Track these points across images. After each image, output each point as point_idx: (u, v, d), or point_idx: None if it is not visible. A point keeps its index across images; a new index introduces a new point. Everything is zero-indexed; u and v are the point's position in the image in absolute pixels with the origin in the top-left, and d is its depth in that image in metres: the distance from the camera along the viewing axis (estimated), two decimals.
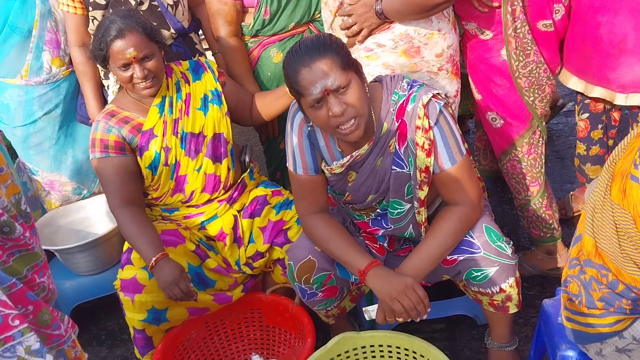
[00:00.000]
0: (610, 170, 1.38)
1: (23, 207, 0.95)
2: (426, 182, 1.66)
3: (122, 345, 2.49)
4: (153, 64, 1.91)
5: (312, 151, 1.75)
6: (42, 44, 2.29)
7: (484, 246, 1.68)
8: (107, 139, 1.97)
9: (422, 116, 1.60)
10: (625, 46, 1.94)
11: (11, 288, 0.85)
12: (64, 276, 2.48)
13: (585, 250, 1.49)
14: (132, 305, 1.91)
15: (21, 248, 0.91)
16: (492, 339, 1.96)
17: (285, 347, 2.14)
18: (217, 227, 2.10)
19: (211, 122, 2.06)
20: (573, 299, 1.52)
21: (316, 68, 1.50)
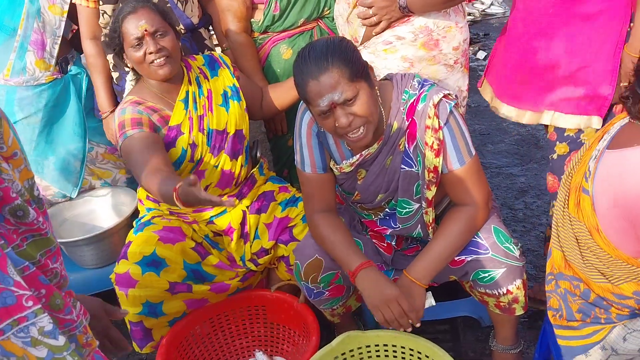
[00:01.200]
0: (567, 184, 1.41)
1: (36, 192, 0.95)
2: (434, 182, 1.66)
3: (127, 338, 2.48)
4: (167, 41, 1.87)
5: (320, 150, 1.75)
6: (27, 44, 2.24)
7: (492, 247, 1.68)
8: (140, 117, 1.89)
9: (432, 116, 1.59)
10: (559, 71, 1.87)
11: (24, 271, 0.86)
12: (69, 269, 2.44)
13: (556, 264, 1.51)
14: (126, 299, 1.92)
15: (34, 233, 0.91)
16: (497, 341, 1.96)
17: (289, 344, 2.14)
18: (225, 222, 2.09)
19: (233, 118, 2.06)
20: (555, 314, 1.53)
21: (324, 81, 1.50)
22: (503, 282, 1.69)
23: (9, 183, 0.85)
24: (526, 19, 1.89)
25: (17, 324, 0.80)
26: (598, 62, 1.81)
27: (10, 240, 0.87)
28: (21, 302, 0.80)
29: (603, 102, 1.84)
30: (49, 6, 2.25)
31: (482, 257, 1.68)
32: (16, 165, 0.89)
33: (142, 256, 1.93)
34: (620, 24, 1.77)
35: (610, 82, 1.82)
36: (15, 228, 0.88)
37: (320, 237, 1.76)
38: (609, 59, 1.80)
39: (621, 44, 1.78)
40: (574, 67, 1.84)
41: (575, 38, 1.83)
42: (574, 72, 1.84)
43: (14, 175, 0.87)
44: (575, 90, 1.87)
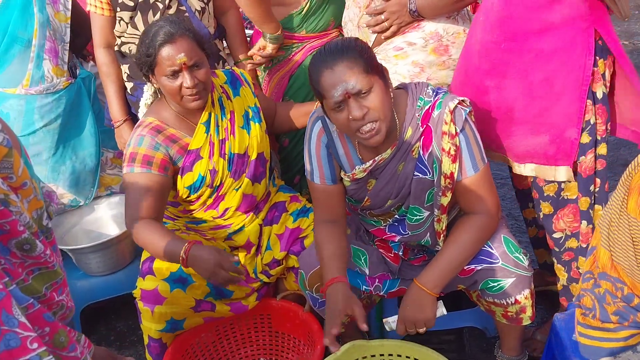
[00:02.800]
0: (626, 185, 1.39)
1: (45, 222, 0.94)
2: (450, 188, 1.66)
3: (131, 347, 2.49)
4: (203, 73, 1.80)
5: (330, 161, 1.75)
6: (42, 52, 2.29)
7: (502, 257, 1.68)
8: (153, 155, 1.85)
9: (449, 122, 1.60)
10: (514, 114, 1.76)
11: (28, 309, 0.84)
12: (75, 276, 2.49)
13: (600, 263, 1.49)
14: (151, 315, 1.90)
15: (41, 266, 0.89)
16: (502, 351, 1.95)
17: (294, 353, 2.14)
18: (244, 238, 2.06)
19: (255, 141, 2.00)
20: (587, 313, 1.52)
21: (338, 71, 1.52)
22: (512, 291, 1.69)
23: (17, 216, 0.83)
24: (481, 52, 1.78)
25: None
26: (560, 103, 1.69)
27: (15, 275, 0.85)
28: (25, 344, 0.77)
29: (570, 147, 1.73)
30: (54, 14, 2.30)
31: (492, 266, 1.69)
32: (25, 195, 0.88)
33: (169, 272, 1.90)
34: (582, 58, 1.64)
35: (577, 125, 1.70)
36: (22, 261, 0.86)
37: (316, 246, 1.78)
38: (574, 99, 1.68)
39: (587, 80, 1.66)
40: (533, 111, 1.72)
41: (532, 77, 1.69)
42: (534, 116, 1.73)
43: (23, 206, 0.85)
44: (536, 138, 1.76)
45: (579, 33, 1.63)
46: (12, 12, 2.25)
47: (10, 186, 0.84)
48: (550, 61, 1.67)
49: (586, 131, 1.71)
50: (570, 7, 1.60)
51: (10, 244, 0.84)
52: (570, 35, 1.63)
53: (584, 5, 1.60)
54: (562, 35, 1.64)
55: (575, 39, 1.63)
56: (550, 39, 1.65)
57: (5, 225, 0.82)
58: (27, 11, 2.26)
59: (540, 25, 1.64)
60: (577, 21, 1.62)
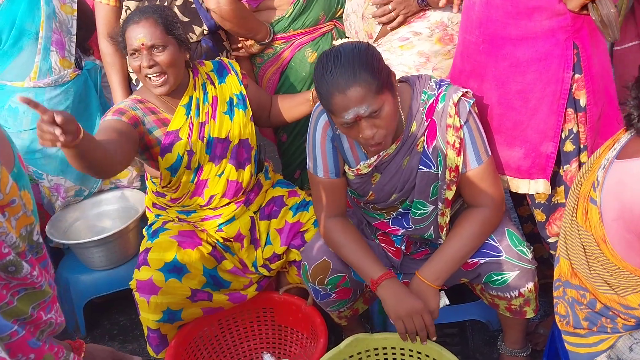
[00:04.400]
0: (576, 193, 1.39)
1: (35, 237, 0.91)
2: (455, 181, 1.66)
3: (134, 341, 2.50)
4: (164, 57, 1.85)
5: (334, 154, 1.74)
6: (49, 44, 2.29)
7: (506, 250, 1.68)
8: (128, 110, 1.91)
9: (453, 115, 1.60)
10: (491, 121, 1.72)
11: (12, 337, 0.81)
12: (78, 270, 2.50)
13: (562, 272, 1.51)
14: (147, 306, 1.91)
15: (27, 287, 0.87)
16: (505, 344, 1.95)
17: (296, 347, 2.15)
18: (234, 229, 2.08)
19: (237, 127, 2.04)
20: (562, 320, 1.53)
21: (350, 95, 1.47)
22: (515, 284, 1.69)
23: (2, 237, 0.81)
24: (463, 54, 1.75)
25: None
26: (536, 116, 1.64)
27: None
28: None
29: (546, 161, 1.68)
30: (60, 6, 2.30)
31: (496, 259, 1.68)
32: (13, 213, 0.85)
33: (163, 262, 1.92)
34: (560, 72, 1.59)
35: (553, 139, 1.66)
36: (6, 283, 0.84)
37: (334, 243, 1.76)
38: (550, 114, 1.63)
39: (564, 94, 1.60)
40: (507, 123, 1.69)
41: (508, 86, 1.65)
42: (508, 128, 1.70)
43: (9, 226, 0.83)
44: (510, 150, 1.72)
45: (557, 45, 1.58)
46: (19, 4, 2.25)
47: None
48: (525, 72, 1.62)
49: (569, 139, 1.67)
50: (550, 18, 1.55)
51: None
52: (548, 47, 1.58)
53: (565, 17, 1.55)
54: (539, 46, 1.59)
55: (553, 51, 1.59)
56: (526, 48, 1.60)
57: None
58: (34, 3, 2.26)
59: (517, 32, 1.59)
60: (556, 33, 1.57)
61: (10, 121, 2.35)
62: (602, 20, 1.46)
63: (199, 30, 2.27)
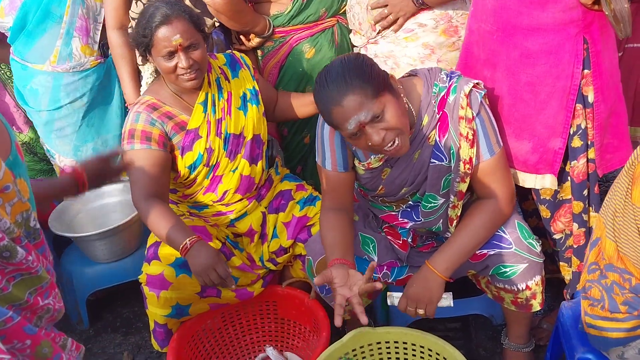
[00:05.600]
0: (630, 174, 1.36)
1: (32, 224, 0.91)
2: (469, 173, 1.65)
3: (137, 333, 2.50)
4: (198, 54, 1.83)
5: (343, 148, 1.73)
6: (72, 30, 2.29)
7: (515, 242, 1.67)
8: (151, 131, 1.89)
9: (465, 106, 1.58)
10: (501, 111, 1.70)
11: (7, 323, 0.81)
12: (81, 263, 2.50)
13: (607, 254, 1.48)
14: (156, 300, 1.90)
15: (23, 272, 0.86)
16: (509, 339, 1.94)
17: (299, 340, 2.14)
18: (246, 225, 2.07)
19: (251, 122, 2.02)
20: (595, 304, 1.51)
21: (347, 105, 1.47)
22: (523, 277, 1.69)
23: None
24: (479, 42, 1.74)
25: None
26: (545, 111, 1.63)
27: None
28: None
29: (554, 157, 1.67)
30: None
31: (505, 251, 1.68)
32: (7, 199, 0.85)
33: (174, 258, 1.90)
34: (570, 67, 1.57)
35: (562, 134, 1.64)
36: (2, 268, 0.84)
37: (321, 232, 1.78)
38: (560, 109, 1.61)
39: (574, 89, 1.59)
40: (516, 114, 1.67)
41: (518, 77, 1.64)
42: (517, 120, 1.68)
43: (3, 212, 0.83)
44: (518, 143, 1.71)
45: (567, 39, 1.57)
46: None
47: None
48: (535, 64, 1.61)
49: (577, 135, 1.66)
50: (563, 11, 1.54)
51: None
52: (559, 40, 1.57)
53: (577, 10, 1.54)
54: (550, 39, 1.58)
55: (563, 45, 1.57)
56: (537, 39, 1.59)
57: None
58: None
59: (529, 21, 1.58)
60: (567, 26, 1.56)
61: (32, 100, 2.38)
62: (615, 15, 1.45)
63: (210, 22, 2.24)
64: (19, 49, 2.33)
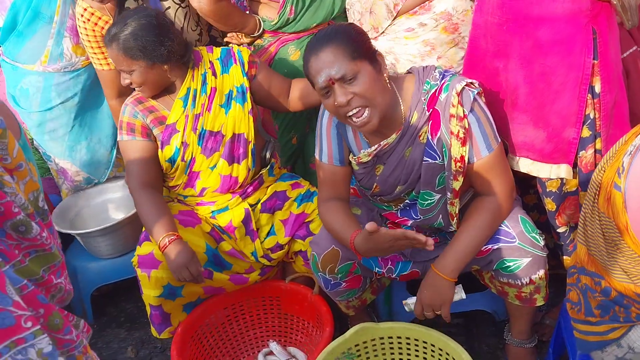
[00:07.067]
0: (598, 179, 1.38)
1: (41, 204, 0.93)
2: (461, 172, 1.65)
3: (141, 328, 2.51)
4: (134, 78, 1.93)
5: (339, 142, 1.75)
6: (63, 30, 2.28)
7: (519, 236, 1.67)
8: (134, 122, 2.00)
9: (457, 104, 1.58)
10: (517, 99, 1.69)
11: (22, 290, 0.83)
12: (85, 259, 2.51)
13: (579, 258, 1.49)
14: (148, 281, 1.93)
15: (37, 248, 0.89)
16: (512, 334, 1.94)
17: (303, 335, 2.15)
18: (226, 219, 2.09)
19: (232, 121, 2.03)
20: (574, 307, 1.52)
21: (323, 56, 1.53)
22: (527, 271, 1.69)
23: (12, 197, 0.83)
24: (486, 35, 1.73)
25: (15, 346, 0.77)
26: (559, 101, 1.62)
27: (11, 257, 0.85)
28: (20, 323, 0.77)
29: (569, 147, 1.66)
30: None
31: (508, 245, 1.68)
32: (21, 177, 0.87)
33: None
34: (582, 57, 1.57)
35: (575, 124, 1.63)
36: (18, 243, 0.86)
37: (325, 223, 1.78)
38: (573, 99, 1.61)
39: (586, 79, 1.58)
40: (533, 102, 1.66)
41: (532, 66, 1.63)
42: (533, 108, 1.67)
43: (18, 188, 0.85)
44: (535, 131, 1.71)
45: (578, 29, 1.56)
46: None
47: (5, 167, 0.83)
48: (547, 54, 1.61)
49: (586, 125, 1.66)
50: (572, 0, 1.54)
51: (5, 225, 0.83)
52: (570, 31, 1.57)
53: (585, 1, 1.53)
54: (560, 29, 1.57)
55: (574, 36, 1.57)
56: (547, 29, 1.58)
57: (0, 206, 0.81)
58: None
59: (540, 11, 1.58)
60: (577, 16, 1.55)
61: (23, 101, 2.38)
62: (623, 4, 1.46)
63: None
64: (10, 49, 2.32)
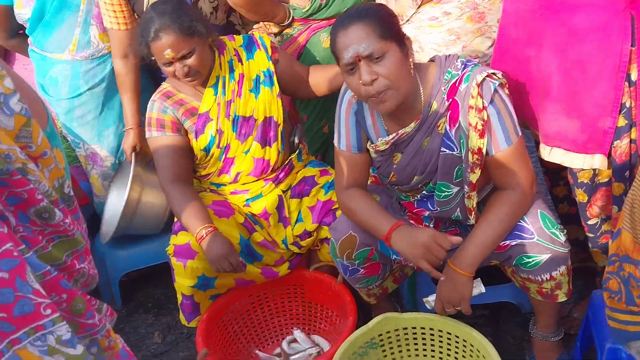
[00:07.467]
0: None
1: (66, 190, 0.94)
2: (478, 164, 1.63)
3: (168, 314, 2.56)
4: (194, 60, 1.90)
5: (357, 129, 1.74)
6: (90, 18, 2.31)
7: (537, 232, 1.65)
8: (164, 118, 2.02)
9: (476, 95, 1.56)
10: (550, 89, 1.65)
11: (45, 276, 0.84)
12: (115, 245, 2.55)
13: (624, 246, 1.45)
14: (183, 270, 1.95)
15: (61, 234, 0.90)
16: (537, 328, 1.92)
17: (326, 323, 2.16)
18: (260, 206, 2.11)
19: (262, 105, 2.06)
20: (613, 296, 1.48)
21: (352, 32, 1.51)
22: (547, 268, 1.66)
23: (35, 184, 0.84)
24: (517, 23, 1.70)
25: (35, 332, 0.79)
26: (595, 92, 1.57)
27: (34, 243, 0.86)
28: (39, 310, 0.79)
29: (604, 137, 1.60)
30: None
31: (527, 241, 1.65)
32: (46, 164, 0.89)
33: None
34: (619, 44, 1.51)
35: (611, 113, 1.57)
36: (41, 229, 0.87)
37: (349, 211, 1.76)
38: (609, 88, 1.55)
39: (623, 68, 1.53)
40: (567, 91, 1.61)
41: (567, 54, 1.58)
42: (567, 97, 1.62)
43: (42, 175, 0.86)
44: (568, 121, 1.65)
45: (615, 15, 1.51)
46: None
47: (29, 155, 0.84)
48: (584, 41, 1.56)
49: (622, 114, 1.60)
50: None
51: (29, 212, 0.85)
52: (606, 17, 1.52)
53: None
54: (597, 15, 1.52)
55: (612, 22, 1.52)
56: (584, 15, 1.54)
57: (23, 193, 0.82)
58: None
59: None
60: (615, 2, 1.50)
61: (52, 90, 2.42)
62: None
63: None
64: (38, 39, 2.36)
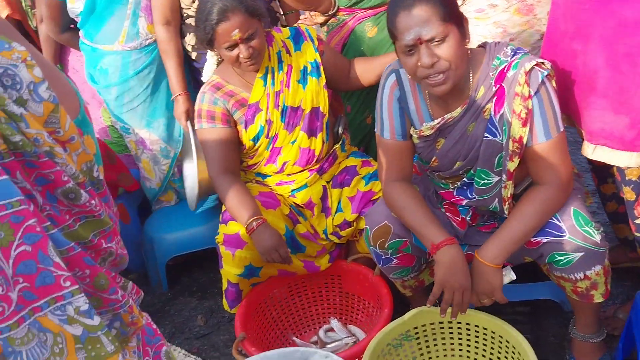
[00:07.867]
0: None
1: (95, 174, 0.99)
2: (518, 153, 1.60)
3: (211, 298, 2.64)
4: (257, 42, 1.94)
5: (401, 116, 1.73)
6: (138, 10, 2.40)
7: (569, 230, 1.61)
8: (214, 110, 2.05)
9: (523, 83, 1.53)
10: (596, 84, 1.60)
11: (69, 252, 0.90)
12: (162, 230, 2.66)
13: None
14: (232, 259, 2.00)
15: (87, 214, 0.95)
16: (576, 328, 1.87)
17: (363, 314, 2.18)
18: (306, 196, 2.14)
19: (309, 95, 2.08)
20: None
21: (415, 13, 1.49)
22: (580, 266, 1.62)
23: (62, 167, 0.89)
24: (566, 15, 1.65)
25: (55, 302, 0.85)
26: None
27: (60, 221, 0.91)
28: (59, 281, 0.85)
29: None
30: None
31: (559, 239, 1.62)
32: (73, 149, 0.93)
33: None
34: None
35: None
36: (69, 209, 0.92)
37: (396, 206, 1.75)
38: None
39: None
40: (614, 86, 1.56)
41: (616, 47, 1.52)
42: (615, 92, 1.56)
43: (70, 159, 0.91)
44: (615, 117, 1.59)
45: None
46: None
47: (57, 140, 0.89)
48: (634, 34, 1.49)
49: None
50: None
51: (56, 192, 0.90)
52: None
53: None
54: None
55: None
56: (636, 5, 1.47)
57: (51, 175, 0.88)
58: None
59: None
60: None
61: (102, 80, 2.52)
62: None
63: None
64: (89, 32, 2.46)
